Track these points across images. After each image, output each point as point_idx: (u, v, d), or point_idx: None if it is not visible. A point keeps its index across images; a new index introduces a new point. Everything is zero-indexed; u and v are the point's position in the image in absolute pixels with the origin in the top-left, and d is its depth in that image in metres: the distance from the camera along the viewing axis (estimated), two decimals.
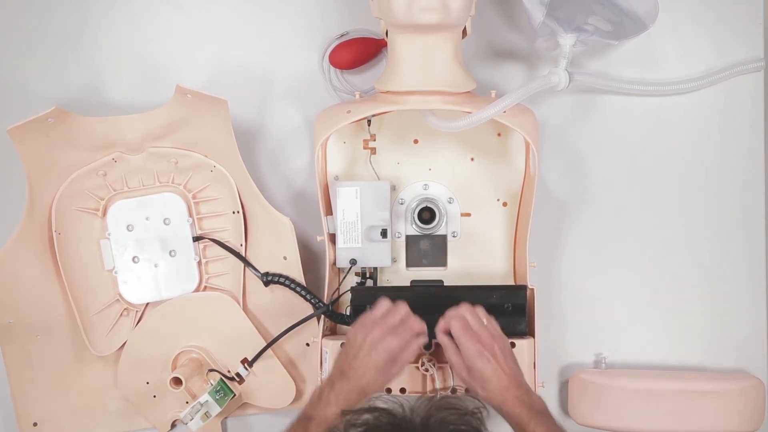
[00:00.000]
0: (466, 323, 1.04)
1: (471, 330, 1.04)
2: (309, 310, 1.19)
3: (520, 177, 1.21)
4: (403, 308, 1.07)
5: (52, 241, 1.19)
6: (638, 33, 1.15)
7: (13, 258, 1.17)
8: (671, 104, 1.24)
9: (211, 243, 1.21)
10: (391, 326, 1.04)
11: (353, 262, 1.18)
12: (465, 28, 1.13)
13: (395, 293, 1.14)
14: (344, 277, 1.20)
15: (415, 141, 1.22)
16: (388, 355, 1.02)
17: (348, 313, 1.17)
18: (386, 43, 1.16)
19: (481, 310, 1.07)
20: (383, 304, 1.07)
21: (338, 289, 1.21)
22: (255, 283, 1.21)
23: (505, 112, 1.09)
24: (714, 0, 1.24)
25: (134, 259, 1.21)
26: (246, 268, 1.20)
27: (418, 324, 1.06)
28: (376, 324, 1.04)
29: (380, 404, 0.88)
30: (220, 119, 1.16)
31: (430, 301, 1.12)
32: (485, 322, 1.06)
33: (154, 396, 1.21)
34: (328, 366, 1.13)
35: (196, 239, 1.21)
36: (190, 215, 1.20)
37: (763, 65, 1.23)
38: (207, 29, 1.26)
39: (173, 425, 1.24)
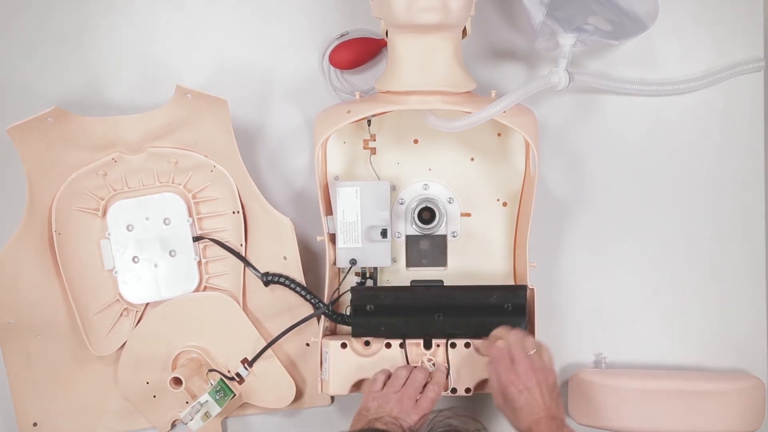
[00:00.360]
0: (504, 352, 1.05)
1: (507, 359, 1.04)
2: (309, 310, 1.19)
3: (520, 177, 1.21)
4: (403, 372, 1.08)
5: (52, 241, 1.19)
6: (638, 33, 1.15)
7: (13, 258, 1.17)
8: (671, 104, 1.25)
9: (211, 243, 1.21)
10: (410, 399, 1.04)
11: (353, 262, 1.18)
12: (465, 28, 1.13)
13: (395, 293, 1.15)
14: (344, 277, 1.20)
15: (415, 141, 1.22)
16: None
17: (348, 313, 1.17)
18: (386, 43, 1.16)
19: (530, 339, 1.07)
20: (378, 378, 1.09)
21: (338, 289, 1.21)
22: (255, 283, 1.21)
23: (505, 112, 1.09)
24: (714, 0, 1.24)
25: (134, 259, 1.21)
26: (246, 268, 1.20)
27: (421, 378, 1.07)
28: (395, 396, 1.04)
29: (380, 426, 0.88)
30: (220, 119, 1.16)
31: (430, 301, 1.12)
32: (531, 352, 1.05)
33: (154, 396, 1.21)
34: (328, 366, 1.13)
35: (196, 239, 1.21)
36: (190, 215, 1.20)
37: (763, 65, 1.23)
38: (207, 29, 1.26)
39: (173, 425, 1.24)
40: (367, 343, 1.14)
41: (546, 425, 1.00)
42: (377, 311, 1.13)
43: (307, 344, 1.22)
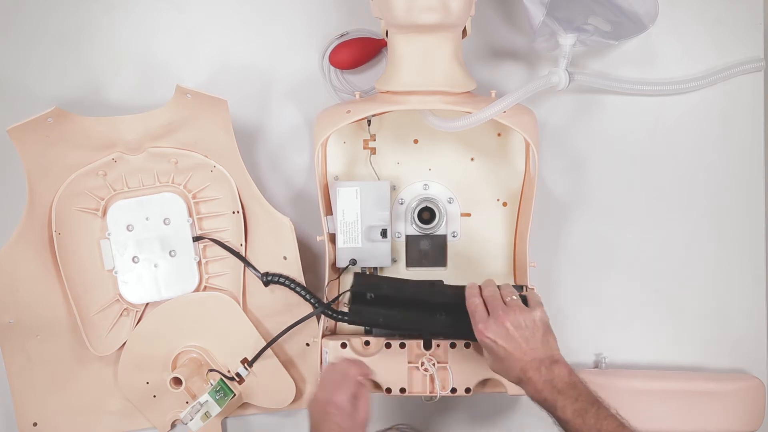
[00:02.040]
0: (480, 306, 1.01)
1: (483, 312, 1.00)
2: (309, 310, 1.19)
3: (520, 177, 1.21)
4: (340, 363, 1.06)
5: (52, 241, 1.19)
6: (638, 33, 1.15)
7: (13, 258, 1.17)
8: (671, 104, 1.25)
9: (211, 243, 1.21)
10: (332, 384, 1.02)
11: (353, 262, 1.18)
12: (465, 28, 1.13)
13: (398, 285, 1.12)
14: (341, 272, 1.20)
15: (415, 141, 1.22)
16: (342, 409, 0.99)
17: (348, 301, 1.12)
18: (386, 43, 1.16)
19: (508, 287, 1.03)
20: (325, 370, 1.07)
21: (338, 288, 1.21)
22: (255, 283, 1.21)
23: (505, 112, 1.09)
24: (714, 0, 1.24)
25: (134, 259, 1.21)
26: (246, 268, 1.20)
27: (355, 368, 1.04)
28: (319, 388, 1.02)
29: None
30: (220, 119, 1.16)
31: (433, 298, 1.11)
32: (510, 298, 1.01)
33: (154, 396, 1.22)
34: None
35: (196, 239, 1.21)
36: (190, 215, 1.20)
37: (763, 65, 1.23)
38: (207, 29, 1.26)
39: (173, 425, 1.24)
40: (366, 343, 1.14)
41: (534, 370, 0.96)
42: (377, 301, 1.09)
43: (307, 344, 1.22)
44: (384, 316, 1.09)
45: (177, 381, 1.15)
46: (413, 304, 1.09)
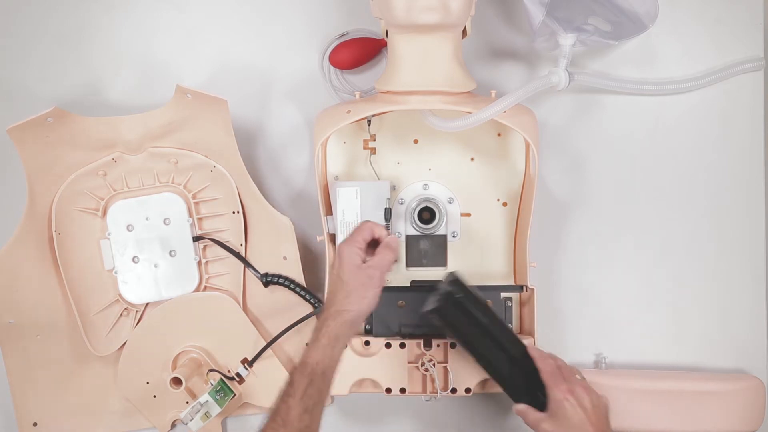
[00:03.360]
0: (555, 367, 1.03)
1: (560, 376, 1.02)
2: (309, 310, 1.19)
3: (520, 177, 1.21)
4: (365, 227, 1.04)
5: (52, 241, 1.19)
6: (638, 33, 1.15)
7: (13, 258, 1.17)
8: (671, 104, 1.25)
9: (211, 243, 1.21)
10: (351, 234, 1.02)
11: None
12: (465, 28, 1.13)
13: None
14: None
15: (415, 141, 1.22)
16: (343, 258, 0.99)
17: (439, 298, 1.10)
18: (386, 43, 1.16)
19: (574, 368, 1.06)
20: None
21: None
22: (255, 283, 1.21)
23: (505, 112, 1.09)
24: (714, 0, 1.24)
25: (134, 259, 1.21)
26: (246, 268, 1.20)
27: (379, 229, 1.03)
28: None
29: None
30: (220, 119, 1.16)
31: (500, 341, 1.10)
32: (578, 377, 1.04)
33: (154, 396, 1.21)
34: None
35: (196, 239, 1.21)
36: (190, 215, 1.20)
37: (762, 64, 1.23)
38: (207, 29, 1.26)
39: (173, 425, 1.24)
40: (366, 343, 1.14)
41: None
42: (460, 310, 1.07)
43: (307, 344, 1.21)
44: (465, 326, 1.07)
45: (177, 381, 1.15)
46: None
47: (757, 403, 1.18)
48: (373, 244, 1.03)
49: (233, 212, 1.20)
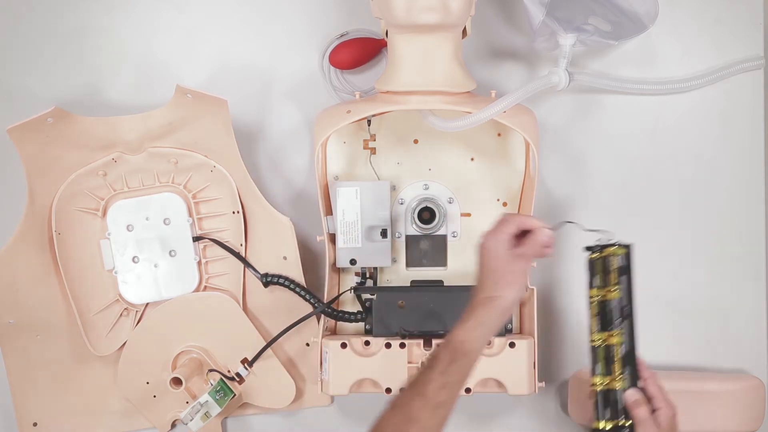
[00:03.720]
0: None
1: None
2: (309, 310, 1.19)
3: (520, 177, 1.21)
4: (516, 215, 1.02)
5: (52, 241, 1.19)
6: (638, 33, 1.15)
7: (13, 258, 1.17)
8: (671, 104, 1.24)
9: (211, 243, 1.21)
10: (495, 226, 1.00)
11: (353, 262, 1.18)
12: (465, 28, 1.13)
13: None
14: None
15: (415, 141, 1.22)
16: (489, 249, 0.97)
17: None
18: (386, 43, 1.16)
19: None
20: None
21: (338, 288, 1.21)
22: (255, 283, 1.21)
23: (505, 112, 1.09)
24: (714, 0, 1.24)
25: (134, 259, 1.21)
26: (246, 268, 1.20)
27: (529, 221, 0.99)
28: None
29: None
30: (220, 119, 1.16)
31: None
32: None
33: (154, 396, 1.21)
34: (328, 366, 1.13)
35: (196, 239, 1.21)
36: (190, 215, 1.20)
37: (762, 63, 1.23)
38: (207, 29, 1.26)
39: (173, 425, 1.24)
40: (367, 343, 1.14)
41: None
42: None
43: (307, 344, 1.22)
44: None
45: (177, 381, 1.15)
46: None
47: (757, 403, 1.18)
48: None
49: (233, 212, 1.20)
